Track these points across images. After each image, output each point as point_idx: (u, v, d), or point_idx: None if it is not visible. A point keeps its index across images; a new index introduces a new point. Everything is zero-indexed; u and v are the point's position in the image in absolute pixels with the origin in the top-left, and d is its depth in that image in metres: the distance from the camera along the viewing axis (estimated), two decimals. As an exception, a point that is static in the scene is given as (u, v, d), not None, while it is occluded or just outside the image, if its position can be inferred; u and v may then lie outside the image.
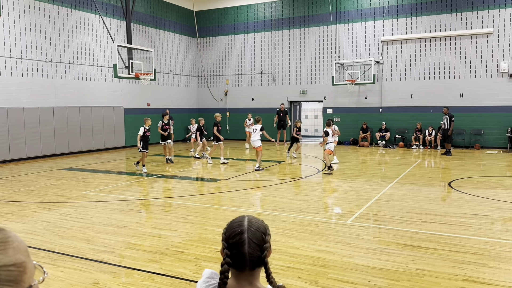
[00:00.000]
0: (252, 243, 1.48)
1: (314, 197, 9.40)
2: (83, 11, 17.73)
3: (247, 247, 1.48)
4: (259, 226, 1.54)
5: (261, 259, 1.49)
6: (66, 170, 13.13)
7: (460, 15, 18.50)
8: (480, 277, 4.70)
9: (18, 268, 0.96)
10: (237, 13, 23.51)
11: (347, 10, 20.73)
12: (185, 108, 23.59)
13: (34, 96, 15.73)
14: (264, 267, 1.50)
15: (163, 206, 8.50)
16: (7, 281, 0.93)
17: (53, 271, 5.00)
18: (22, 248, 0.99)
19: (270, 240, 1.55)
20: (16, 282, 0.95)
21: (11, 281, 0.94)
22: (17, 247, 0.98)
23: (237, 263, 1.49)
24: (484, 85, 18.21)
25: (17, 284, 0.95)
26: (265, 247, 1.50)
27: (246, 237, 1.49)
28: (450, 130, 16.02)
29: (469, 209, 7.88)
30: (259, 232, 1.51)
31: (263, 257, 1.49)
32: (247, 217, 1.56)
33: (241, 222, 1.53)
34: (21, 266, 0.96)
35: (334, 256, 5.42)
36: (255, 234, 1.50)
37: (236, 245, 1.48)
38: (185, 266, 5.12)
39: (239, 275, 1.52)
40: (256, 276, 1.53)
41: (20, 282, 0.96)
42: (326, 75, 21.42)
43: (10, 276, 0.94)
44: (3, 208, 8.25)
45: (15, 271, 0.95)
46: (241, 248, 1.48)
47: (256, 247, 1.49)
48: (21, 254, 0.98)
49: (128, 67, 15.18)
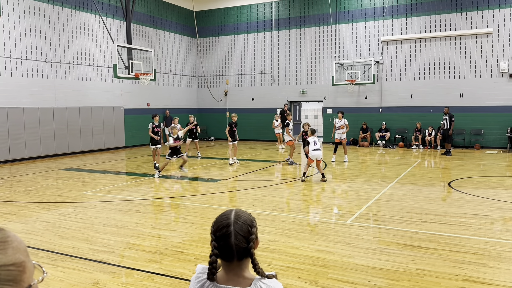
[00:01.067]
0: (238, 235, 1.55)
1: (314, 197, 9.40)
2: (83, 12, 17.73)
3: (234, 239, 1.54)
4: (246, 219, 1.60)
5: (247, 250, 1.56)
6: (66, 171, 13.13)
7: (460, 15, 18.51)
8: (480, 277, 4.70)
9: (17, 267, 0.96)
10: (237, 13, 23.51)
11: (347, 10, 20.73)
12: (184, 108, 23.58)
13: (34, 96, 15.73)
14: (251, 258, 1.57)
15: (163, 206, 8.49)
16: (7, 280, 0.93)
17: (53, 271, 5.00)
18: (22, 248, 0.99)
19: (257, 232, 1.62)
20: (15, 281, 0.95)
21: (10, 281, 0.94)
22: (17, 246, 0.98)
23: (225, 254, 1.55)
24: (484, 85, 18.22)
25: (17, 284, 0.95)
26: (251, 239, 1.57)
27: (233, 229, 1.55)
28: (450, 130, 16.02)
29: (469, 209, 7.88)
30: (245, 225, 1.58)
31: (249, 248, 1.56)
32: (234, 211, 1.63)
33: (228, 215, 1.60)
34: (20, 265, 0.96)
35: (334, 256, 5.42)
36: (242, 226, 1.57)
37: (223, 237, 1.55)
38: (185, 266, 5.12)
39: (228, 266, 1.59)
40: (243, 267, 1.60)
41: (20, 281, 0.96)
42: (326, 75, 21.42)
43: (10, 275, 0.94)
44: (3, 209, 8.25)
45: (14, 270, 0.95)
46: (227, 240, 1.54)
47: (242, 239, 1.55)
48: (21, 254, 0.98)
49: (128, 67, 15.17)
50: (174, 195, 9.64)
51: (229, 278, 1.58)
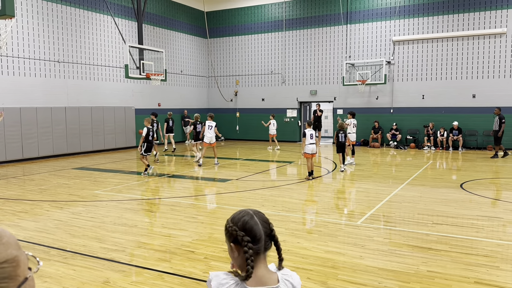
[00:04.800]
0: (263, 223, 1.63)
1: (324, 198, 9.37)
2: (95, 12, 17.90)
3: (261, 227, 1.61)
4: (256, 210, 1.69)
5: (272, 236, 1.63)
6: (77, 170, 13.26)
7: (473, 15, 18.30)
8: (492, 280, 4.64)
9: (11, 264, 0.94)
10: (247, 14, 23.53)
11: (358, 10, 20.63)
12: (195, 109, 23.65)
13: (46, 96, 15.92)
14: (275, 244, 1.64)
15: (173, 205, 8.53)
16: (2, 278, 0.92)
17: (64, 269, 5.05)
18: (12, 242, 0.97)
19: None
20: (11, 278, 0.93)
21: (5, 278, 0.92)
22: (7, 242, 0.96)
23: (256, 245, 1.58)
24: (497, 86, 17.99)
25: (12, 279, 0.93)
26: (272, 224, 1.66)
27: (257, 219, 1.62)
28: (500, 131, 15.31)
29: (481, 211, 7.79)
30: (261, 213, 1.67)
31: (273, 234, 1.63)
32: (244, 209, 1.68)
33: (245, 211, 1.66)
34: (13, 261, 0.94)
35: (344, 257, 5.39)
36: (261, 215, 1.65)
37: (252, 228, 1.59)
38: (195, 266, 5.14)
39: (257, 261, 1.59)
40: (266, 260, 1.64)
41: (15, 276, 0.94)
42: (337, 76, 21.33)
43: (4, 273, 0.92)
44: (16, 207, 8.36)
45: (8, 267, 0.93)
46: (256, 229, 1.59)
47: (266, 225, 1.63)
48: (12, 249, 0.96)
49: (139, 67, 15.26)
50: (184, 194, 9.67)
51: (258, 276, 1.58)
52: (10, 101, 14.73)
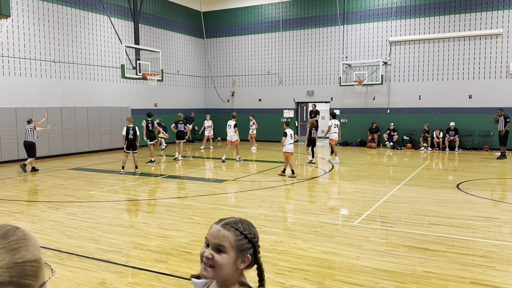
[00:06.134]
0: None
1: (321, 199, 9.37)
2: (91, 12, 17.84)
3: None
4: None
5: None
6: (73, 170, 13.21)
7: (469, 16, 18.36)
8: (488, 280, 4.65)
9: (38, 263, 0.98)
10: (244, 14, 23.52)
11: (355, 11, 20.66)
12: (192, 109, 23.63)
13: (42, 96, 15.85)
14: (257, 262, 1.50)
15: (170, 206, 8.51)
16: (31, 276, 0.96)
17: (60, 270, 5.02)
18: (37, 245, 1.02)
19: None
20: (36, 277, 0.97)
21: (33, 276, 0.96)
22: (35, 244, 1.01)
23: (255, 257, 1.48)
24: (493, 87, 18.06)
25: (37, 279, 0.97)
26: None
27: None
28: (504, 130, 15.25)
29: (477, 211, 7.81)
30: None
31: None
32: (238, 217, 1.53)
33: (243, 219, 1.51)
34: (39, 262, 0.99)
35: (341, 258, 5.39)
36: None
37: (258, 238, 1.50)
38: (191, 267, 5.12)
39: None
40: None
41: (39, 277, 0.98)
42: (334, 76, 21.36)
43: (33, 271, 0.97)
44: (12, 207, 8.31)
45: (36, 266, 0.98)
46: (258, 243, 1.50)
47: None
48: (38, 251, 1.01)
49: (135, 67, 15.24)
50: (181, 195, 9.65)
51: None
52: (6, 101, 14.67)
